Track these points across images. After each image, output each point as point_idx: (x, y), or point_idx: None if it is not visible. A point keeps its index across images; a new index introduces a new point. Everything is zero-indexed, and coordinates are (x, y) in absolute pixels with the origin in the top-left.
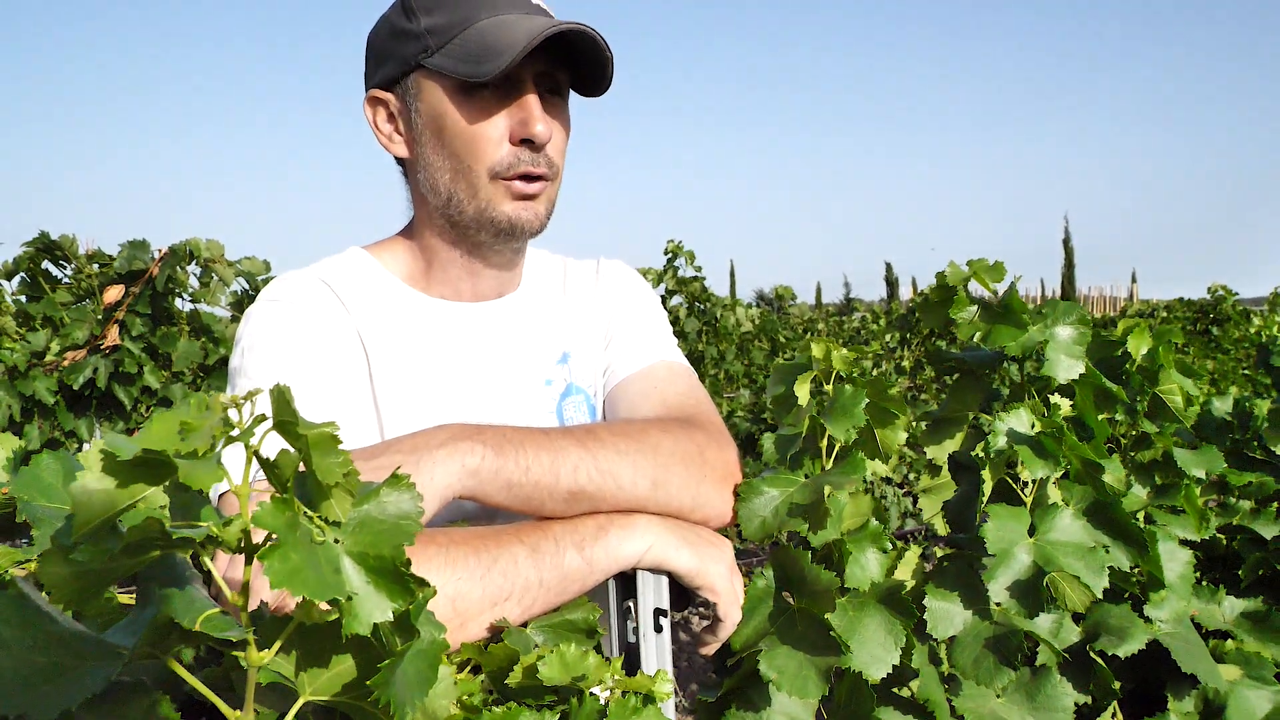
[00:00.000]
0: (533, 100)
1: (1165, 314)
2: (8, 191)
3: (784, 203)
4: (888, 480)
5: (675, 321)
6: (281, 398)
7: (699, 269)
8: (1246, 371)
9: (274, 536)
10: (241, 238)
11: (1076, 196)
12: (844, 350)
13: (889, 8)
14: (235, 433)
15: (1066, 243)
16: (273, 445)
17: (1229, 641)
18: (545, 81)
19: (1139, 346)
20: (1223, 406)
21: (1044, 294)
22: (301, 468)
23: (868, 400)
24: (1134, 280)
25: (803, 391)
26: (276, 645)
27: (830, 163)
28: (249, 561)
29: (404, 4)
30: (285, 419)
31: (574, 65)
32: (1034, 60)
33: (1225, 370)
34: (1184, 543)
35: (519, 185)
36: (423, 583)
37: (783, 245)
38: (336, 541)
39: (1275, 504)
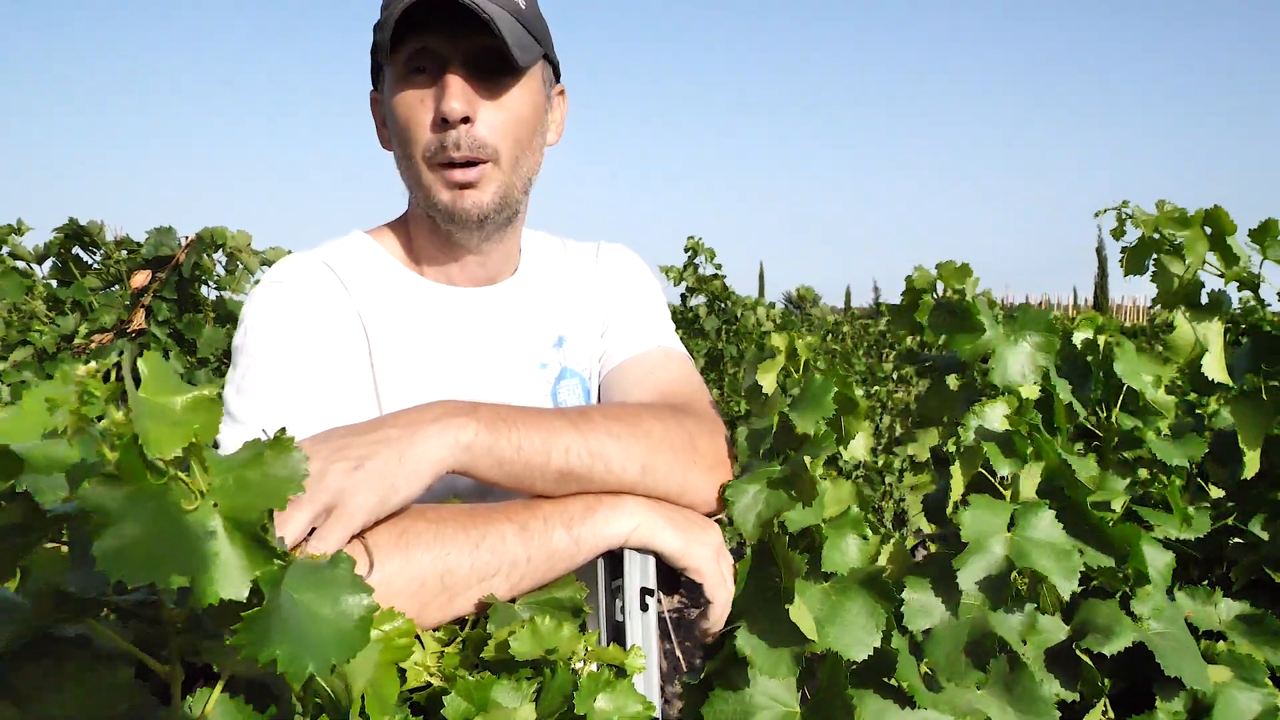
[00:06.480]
0: (449, 79)
1: None
2: (40, 178)
3: (818, 206)
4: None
5: (695, 320)
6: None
7: (719, 266)
8: None
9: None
10: (269, 228)
11: (1114, 203)
12: (808, 338)
13: (930, 15)
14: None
15: (1100, 251)
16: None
17: (1221, 643)
18: (487, 59)
19: (1081, 337)
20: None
21: (1076, 302)
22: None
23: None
24: None
25: (767, 380)
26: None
27: (866, 168)
28: None
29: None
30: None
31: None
32: (1073, 64)
33: None
34: (1175, 541)
35: (453, 174)
36: (282, 548)
37: (816, 249)
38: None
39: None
